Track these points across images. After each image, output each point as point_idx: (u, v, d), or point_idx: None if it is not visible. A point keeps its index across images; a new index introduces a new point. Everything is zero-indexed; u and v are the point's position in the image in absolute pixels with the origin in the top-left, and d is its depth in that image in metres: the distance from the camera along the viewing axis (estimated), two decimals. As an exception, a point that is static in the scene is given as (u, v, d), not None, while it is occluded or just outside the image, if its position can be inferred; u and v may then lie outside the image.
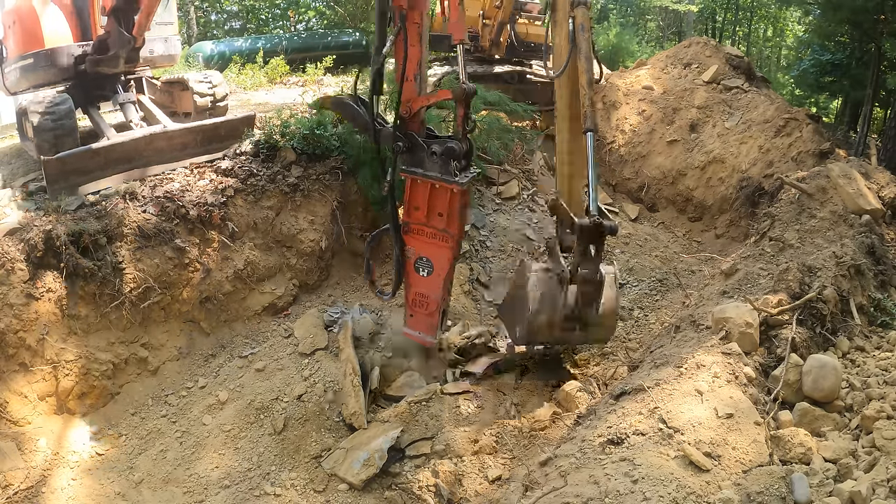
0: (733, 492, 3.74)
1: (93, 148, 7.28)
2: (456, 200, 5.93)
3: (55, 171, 6.93)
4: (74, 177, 7.10)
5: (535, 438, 6.09)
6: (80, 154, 7.16)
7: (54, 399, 6.23)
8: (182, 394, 6.76)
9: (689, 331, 5.97)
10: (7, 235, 6.34)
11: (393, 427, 6.09)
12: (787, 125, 10.02)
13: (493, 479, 5.77)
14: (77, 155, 7.13)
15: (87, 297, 6.53)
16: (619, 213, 10.47)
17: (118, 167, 7.42)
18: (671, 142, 10.95)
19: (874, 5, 11.47)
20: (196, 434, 6.27)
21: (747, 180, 9.81)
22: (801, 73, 16.31)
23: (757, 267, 6.57)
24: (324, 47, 16.55)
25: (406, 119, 5.93)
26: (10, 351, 6.02)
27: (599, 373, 6.97)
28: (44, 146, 7.21)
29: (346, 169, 8.45)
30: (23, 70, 7.87)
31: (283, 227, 7.96)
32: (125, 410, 6.53)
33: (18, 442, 5.83)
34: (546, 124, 11.83)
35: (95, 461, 6.02)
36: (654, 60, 12.63)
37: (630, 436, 4.32)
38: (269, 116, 8.79)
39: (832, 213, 7.19)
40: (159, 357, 6.94)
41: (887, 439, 4.07)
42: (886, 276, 6.46)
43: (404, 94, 5.86)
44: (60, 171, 6.97)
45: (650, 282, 8.85)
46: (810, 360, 4.92)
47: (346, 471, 5.77)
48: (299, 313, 7.78)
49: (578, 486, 4.00)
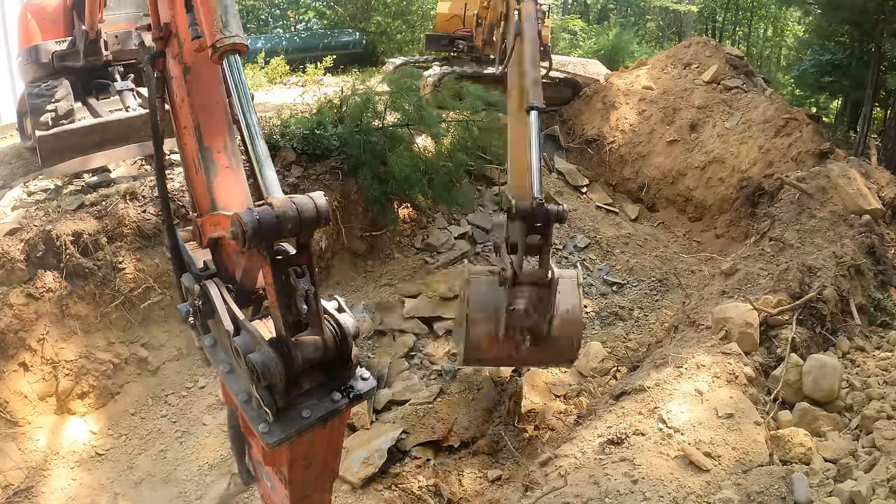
0: (733, 492, 3.74)
1: (88, 124, 7.28)
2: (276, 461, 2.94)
3: (50, 147, 6.86)
4: (69, 153, 7.04)
5: (535, 438, 6.10)
6: (75, 130, 7.12)
7: (54, 399, 6.23)
8: (182, 394, 6.75)
9: (689, 331, 5.97)
10: (7, 235, 6.35)
11: (394, 428, 6.09)
12: (787, 125, 10.02)
13: (493, 479, 5.77)
14: (72, 131, 7.09)
15: (86, 296, 6.53)
16: (619, 213, 10.47)
17: (114, 144, 7.38)
18: (671, 142, 10.95)
19: (874, 5, 11.47)
20: (196, 434, 6.27)
21: (747, 180, 9.81)
22: (801, 73, 16.31)
23: (757, 267, 6.57)
24: (324, 47, 16.55)
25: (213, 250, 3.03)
26: (10, 351, 6.02)
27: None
28: (41, 128, 7.20)
29: (346, 169, 8.44)
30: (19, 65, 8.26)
31: (283, 227, 7.94)
32: (125, 410, 6.53)
33: (18, 442, 5.83)
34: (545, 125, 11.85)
35: (95, 461, 6.02)
36: (654, 60, 12.62)
37: (630, 436, 4.32)
38: (269, 116, 8.79)
39: (832, 213, 7.19)
40: (159, 357, 6.94)
41: (887, 439, 4.08)
42: (886, 276, 6.47)
43: (196, 198, 3.10)
44: (55, 147, 6.90)
45: (650, 282, 8.86)
46: (810, 360, 4.92)
47: (345, 470, 5.76)
48: (299, 313, 7.77)
49: (578, 486, 4.00)
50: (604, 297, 8.57)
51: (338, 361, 2.68)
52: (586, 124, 11.77)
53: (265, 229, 2.32)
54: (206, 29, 2.66)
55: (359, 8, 19.21)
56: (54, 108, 7.35)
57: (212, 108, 2.97)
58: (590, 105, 11.93)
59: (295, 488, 3.10)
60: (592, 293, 8.67)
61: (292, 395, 2.61)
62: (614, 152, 11.38)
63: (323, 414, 2.66)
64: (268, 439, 2.54)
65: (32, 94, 7.45)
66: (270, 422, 2.56)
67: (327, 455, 3.05)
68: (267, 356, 2.47)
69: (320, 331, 2.60)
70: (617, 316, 8.20)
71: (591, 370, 7.12)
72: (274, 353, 2.48)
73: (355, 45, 17.34)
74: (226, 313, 2.73)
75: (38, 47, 7.90)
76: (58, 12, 8.02)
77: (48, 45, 7.92)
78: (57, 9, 8.04)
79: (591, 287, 8.79)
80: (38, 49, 7.90)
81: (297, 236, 2.48)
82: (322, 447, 2.95)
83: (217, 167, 2.96)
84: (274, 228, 2.35)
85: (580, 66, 14.39)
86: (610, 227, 9.86)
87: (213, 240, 2.93)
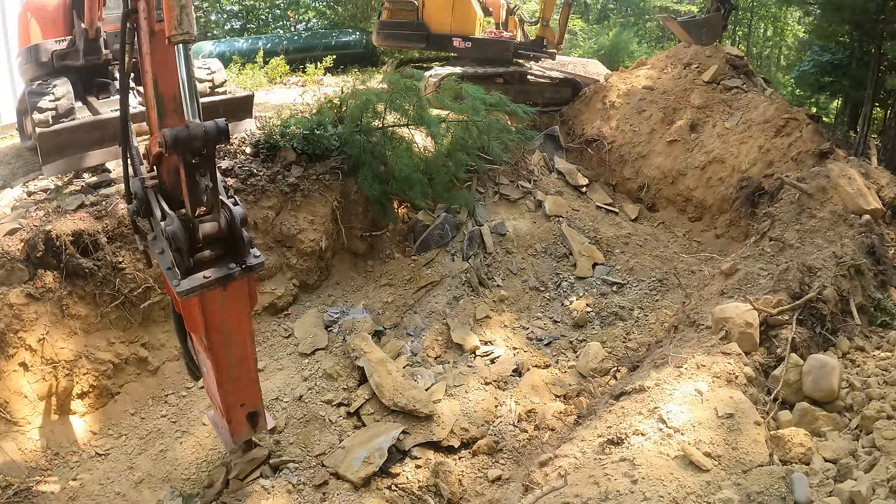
0: (733, 492, 3.74)
1: (88, 121, 7.28)
2: (187, 313, 4.12)
3: (50, 144, 6.83)
4: (70, 150, 7.01)
5: (534, 438, 6.10)
6: (75, 127, 7.10)
7: (54, 399, 6.22)
8: (182, 394, 6.75)
9: (689, 331, 5.97)
10: (7, 235, 6.35)
11: (395, 427, 6.09)
12: (787, 125, 10.02)
13: (493, 479, 5.77)
14: (73, 128, 7.07)
15: (86, 296, 6.53)
16: (619, 213, 10.47)
17: (115, 142, 7.24)
18: (671, 142, 10.95)
19: (874, 6, 11.47)
20: (196, 434, 6.27)
21: (747, 180, 9.81)
22: (801, 73, 16.31)
23: (757, 267, 6.56)
24: (324, 47, 16.53)
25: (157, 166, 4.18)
26: (10, 351, 6.02)
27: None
28: (41, 125, 7.20)
29: (346, 169, 8.45)
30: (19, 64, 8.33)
31: (284, 227, 7.96)
32: (125, 410, 6.53)
33: (18, 442, 5.83)
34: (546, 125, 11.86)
35: (95, 461, 6.02)
36: (654, 60, 12.62)
37: (630, 436, 4.32)
38: (269, 116, 8.79)
39: (832, 213, 7.19)
40: (159, 357, 6.94)
41: (887, 439, 4.08)
42: (886, 276, 6.46)
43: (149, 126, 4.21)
44: (55, 144, 6.87)
45: (650, 282, 8.86)
46: (810, 360, 4.92)
47: (346, 468, 5.77)
48: (299, 313, 7.79)
49: (578, 486, 4.00)
50: (604, 297, 8.57)
51: (231, 239, 3.91)
52: (586, 124, 11.77)
53: (181, 141, 3.48)
54: (166, 21, 3.44)
55: (359, 8, 19.21)
56: (55, 106, 7.36)
57: (168, 65, 3.71)
58: (590, 105, 11.93)
59: (218, 359, 4.29)
60: (593, 293, 8.69)
61: (198, 261, 3.84)
62: (614, 152, 11.37)
63: (221, 276, 3.85)
64: (179, 289, 3.75)
65: (33, 91, 7.46)
66: (180, 279, 3.77)
67: (241, 328, 4.26)
68: (176, 226, 3.68)
69: (217, 215, 3.83)
70: (617, 316, 8.20)
71: (591, 370, 7.13)
72: (181, 225, 3.69)
73: (355, 45, 17.33)
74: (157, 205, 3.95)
75: (38, 46, 7.92)
76: (58, 11, 8.03)
77: (48, 44, 7.95)
78: (57, 8, 8.05)
79: (592, 287, 8.80)
80: (38, 48, 7.93)
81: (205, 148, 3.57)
82: (230, 314, 4.12)
83: (167, 111, 3.94)
84: (187, 141, 3.50)
85: (580, 66, 14.41)
86: (610, 227, 9.87)
87: (156, 156, 4.02)
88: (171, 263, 3.86)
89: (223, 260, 3.95)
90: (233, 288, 4.01)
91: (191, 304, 3.99)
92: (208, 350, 4.27)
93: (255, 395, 4.83)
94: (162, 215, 3.90)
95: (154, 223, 4.11)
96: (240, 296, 4.13)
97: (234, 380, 4.56)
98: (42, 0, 8.17)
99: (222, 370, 4.43)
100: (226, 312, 4.12)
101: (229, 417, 4.79)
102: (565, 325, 8.14)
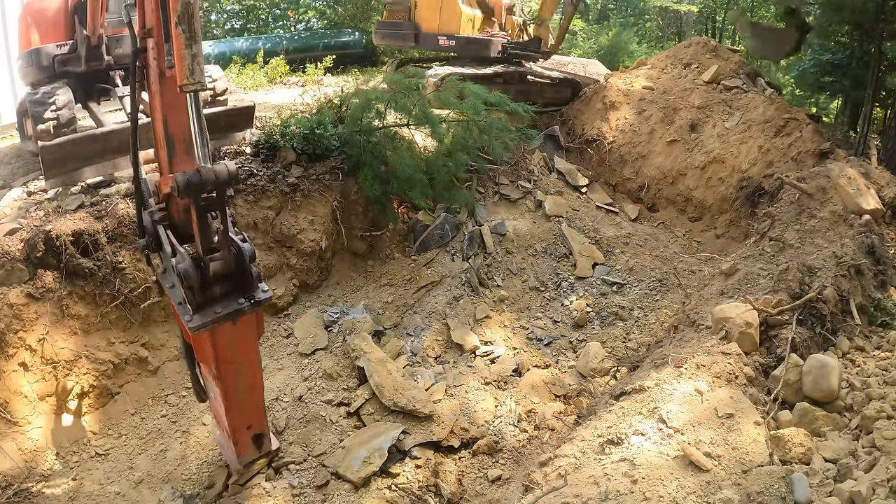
0: (733, 492, 3.74)
1: (90, 134, 7.23)
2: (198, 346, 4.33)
3: (52, 157, 6.74)
4: (72, 163, 6.95)
5: (534, 438, 6.10)
6: (77, 140, 7.01)
7: (54, 399, 6.22)
8: (182, 394, 6.75)
9: (689, 331, 5.97)
10: (7, 235, 6.34)
11: (395, 427, 6.09)
12: (787, 125, 10.02)
13: (493, 479, 5.78)
14: (75, 141, 6.98)
15: (86, 296, 6.53)
16: (619, 213, 10.47)
17: (117, 154, 7.26)
18: (671, 142, 10.95)
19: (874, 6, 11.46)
20: (196, 434, 6.27)
21: (747, 180, 9.81)
22: (801, 73, 16.28)
23: (757, 267, 6.56)
24: (324, 47, 16.55)
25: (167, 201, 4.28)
26: (10, 351, 6.02)
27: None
28: (42, 136, 7.18)
29: (346, 169, 8.45)
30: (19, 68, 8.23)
31: (283, 227, 7.96)
32: (125, 410, 6.53)
33: (18, 442, 5.83)
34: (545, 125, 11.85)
35: (95, 461, 6.02)
36: (653, 60, 12.62)
37: (630, 436, 4.32)
38: (269, 116, 8.79)
39: (832, 213, 7.19)
40: (159, 357, 6.94)
41: (887, 439, 4.07)
42: (886, 276, 6.46)
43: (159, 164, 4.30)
44: (58, 157, 6.78)
45: (650, 282, 8.86)
46: (810, 360, 4.92)
47: (346, 468, 5.77)
48: (299, 313, 7.79)
49: (578, 486, 4.00)
50: (604, 297, 8.57)
51: (240, 275, 4.03)
52: (586, 124, 11.77)
53: (192, 186, 3.59)
54: (178, 69, 3.43)
55: (359, 8, 19.22)
56: (56, 117, 7.29)
57: (178, 106, 3.77)
58: (590, 105, 11.93)
59: (227, 387, 4.43)
60: (593, 293, 8.68)
61: (208, 297, 3.97)
62: (614, 152, 11.37)
63: (230, 311, 4.03)
64: (191, 325, 3.92)
65: (34, 101, 7.37)
66: (192, 314, 3.93)
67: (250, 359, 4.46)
68: (187, 264, 3.82)
69: (227, 253, 3.94)
70: (617, 316, 8.20)
71: (591, 370, 7.13)
72: (192, 263, 3.83)
73: (355, 45, 17.34)
74: (167, 241, 4.06)
75: (38, 51, 7.84)
76: (58, 15, 7.99)
77: (49, 48, 7.88)
78: (57, 12, 8.00)
79: (592, 287, 8.80)
80: (39, 52, 7.85)
81: (216, 191, 3.69)
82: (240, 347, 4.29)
83: (177, 152, 4.03)
84: (199, 186, 3.62)
85: (580, 66, 14.41)
86: (610, 227, 9.87)
87: (166, 195, 4.11)
88: (181, 299, 4.01)
89: (232, 295, 4.11)
90: (242, 322, 4.19)
91: (202, 337, 4.14)
92: (217, 379, 4.45)
93: (261, 419, 5.04)
94: (172, 251, 4.03)
95: (164, 258, 4.23)
96: (249, 328, 4.32)
97: (242, 405, 4.78)
98: (42, 4, 8.10)
99: (230, 398, 4.61)
100: (236, 345, 4.31)
101: (235, 440, 4.98)
102: (565, 325, 8.14)
